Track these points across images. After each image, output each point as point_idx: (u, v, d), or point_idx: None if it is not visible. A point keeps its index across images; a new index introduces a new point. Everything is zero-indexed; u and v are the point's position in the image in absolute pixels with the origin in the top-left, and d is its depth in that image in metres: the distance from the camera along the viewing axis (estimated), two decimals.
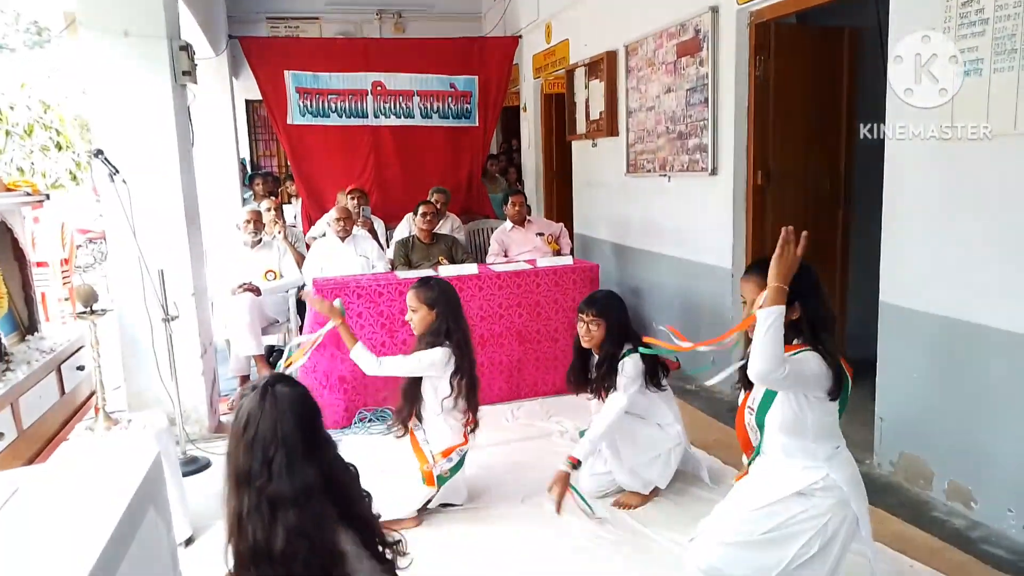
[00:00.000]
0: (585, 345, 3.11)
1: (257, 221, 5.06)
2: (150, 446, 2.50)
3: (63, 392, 3.59)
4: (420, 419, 3.08)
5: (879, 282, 3.33)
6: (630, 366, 3.00)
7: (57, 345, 3.67)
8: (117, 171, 3.50)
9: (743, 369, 2.24)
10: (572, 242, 6.08)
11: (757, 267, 2.18)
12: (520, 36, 7.78)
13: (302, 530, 1.53)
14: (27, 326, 3.79)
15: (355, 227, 5.34)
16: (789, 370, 1.93)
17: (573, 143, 6.93)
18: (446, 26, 8.35)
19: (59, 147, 12.40)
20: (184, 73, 3.90)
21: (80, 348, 3.83)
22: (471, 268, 4.63)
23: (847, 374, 2.06)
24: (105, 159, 3.50)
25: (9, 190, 3.92)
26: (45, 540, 1.54)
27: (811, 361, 2.00)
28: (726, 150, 4.45)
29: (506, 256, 5.46)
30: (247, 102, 9.11)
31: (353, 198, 5.91)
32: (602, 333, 3.05)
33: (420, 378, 3.04)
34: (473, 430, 3.13)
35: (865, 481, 2.20)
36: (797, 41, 4.35)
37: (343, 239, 5.11)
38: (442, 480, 3.00)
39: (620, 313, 3.11)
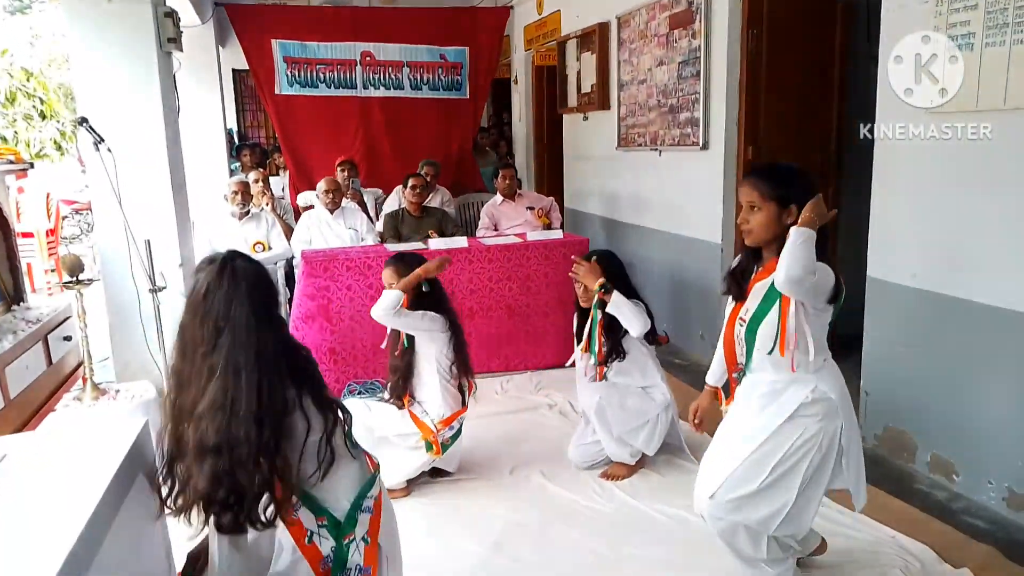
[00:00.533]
0: (584, 305, 3.13)
1: (245, 192, 5.02)
2: (138, 416, 2.50)
3: (50, 362, 3.57)
4: (413, 396, 3.09)
5: (866, 257, 3.34)
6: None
7: (44, 315, 3.64)
8: (102, 139, 3.46)
9: (733, 276, 2.23)
10: (562, 216, 6.07)
11: (757, 172, 2.16)
12: (511, 7, 7.68)
13: (220, 404, 1.55)
14: (13, 296, 3.76)
15: (344, 200, 5.31)
16: (817, 276, 1.94)
17: (564, 116, 6.88)
18: None
19: (43, 116, 12.23)
20: (169, 40, 3.84)
21: (67, 318, 3.80)
22: (461, 241, 4.61)
23: (841, 281, 2.06)
24: (90, 127, 3.45)
25: None
26: (33, 505, 1.54)
27: (825, 267, 2.00)
28: (717, 124, 4.43)
29: (496, 230, 5.44)
30: (234, 71, 8.96)
31: (343, 170, 5.86)
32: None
33: (412, 353, 3.04)
34: (471, 394, 3.16)
35: None
36: (790, 15, 4.32)
37: (332, 211, 5.07)
38: (445, 448, 3.03)
39: (618, 272, 3.12)
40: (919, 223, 3.10)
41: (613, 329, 3.06)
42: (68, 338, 3.78)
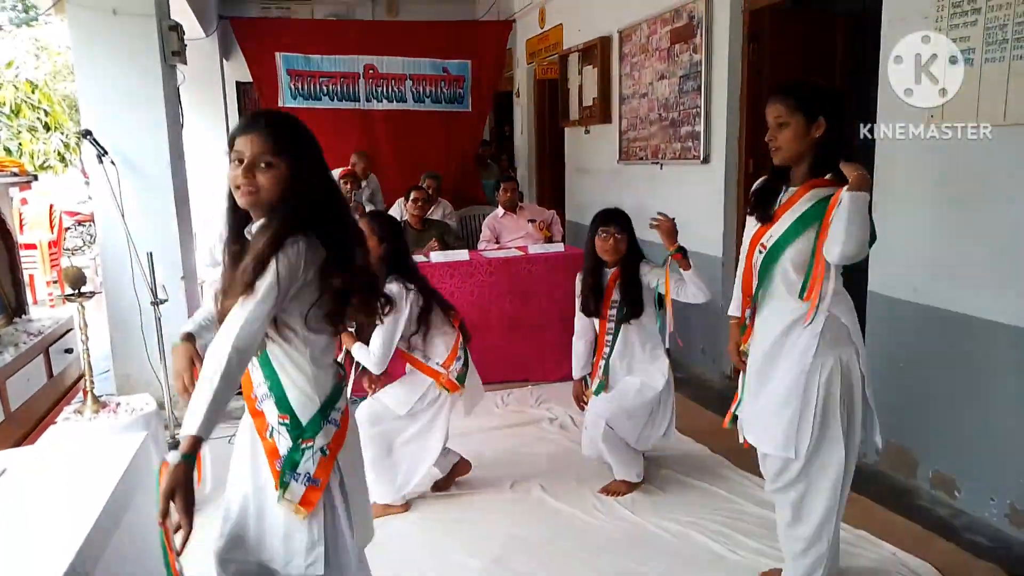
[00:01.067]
0: (609, 258, 3.10)
1: None
2: (138, 430, 2.50)
3: (51, 375, 3.57)
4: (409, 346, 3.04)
5: (867, 272, 3.34)
6: (648, 266, 3.11)
7: (45, 328, 3.64)
8: (106, 152, 3.48)
9: (757, 195, 2.19)
10: (563, 229, 6.08)
11: (782, 88, 2.10)
12: (514, 20, 7.73)
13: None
14: (14, 308, 3.76)
15: None
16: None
17: (566, 129, 6.91)
18: (439, 9, 8.27)
19: (47, 127, 12.28)
20: (174, 53, 3.86)
21: (68, 331, 3.80)
22: (462, 254, 4.62)
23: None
24: (93, 140, 3.48)
25: None
26: (33, 520, 1.54)
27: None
28: (718, 138, 4.44)
29: (497, 242, 5.45)
30: (238, 84, 9.01)
31: (346, 183, 5.89)
32: (626, 246, 3.09)
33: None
34: (462, 328, 3.13)
35: None
36: (790, 28, 4.34)
37: None
38: (462, 379, 3.03)
39: (632, 228, 3.16)
40: (920, 237, 3.10)
41: (633, 286, 3.07)
42: (69, 350, 3.78)
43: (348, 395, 1.84)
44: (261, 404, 1.68)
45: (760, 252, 2.14)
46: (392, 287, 2.90)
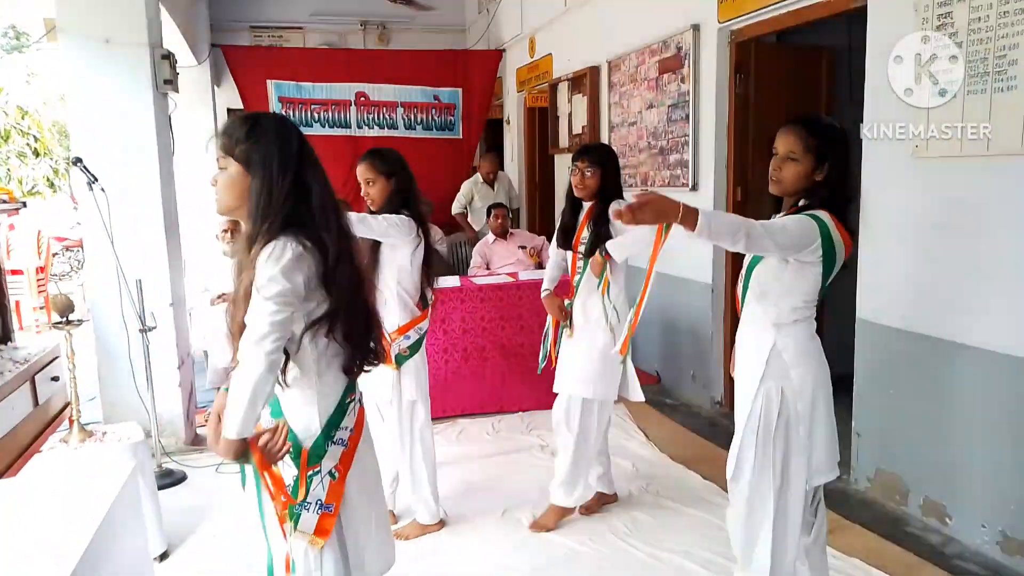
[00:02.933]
0: (578, 194, 3.02)
1: (235, 231, 5.02)
2: (125, 460, 2.47)
3: (37, 403, 3.52)
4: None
5: (856, 300, 3.37)
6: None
7: (31, 355, 3.60)
8: (96, 179, 3.47)
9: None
10: None
11: (805, 122, 2.07)
12: (504, 50, 7.82)
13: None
14: (1, 336, 3.73)
15: None
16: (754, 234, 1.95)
17: (556, 156, 6.96)
18: (430, 38, 8.37)
19: (36, 153, 12.27)
20: (166, 82, 3.88)
21: (55, 358, 3.76)
22: (453, 281, 4.62)
23: (843, 243, 1.99)
24: (84, 167, 3.47)
25: None
26: (17, 555, 1.51)
27: (789, 227, 1.96)
28: (706, 166, 4.49)
29: (488, 269, 5.47)
30: (229, 111, 9.06)
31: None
32: (596, 182, 2.97)
33: (379, 245, 2.93)
34: (429, 305, 3.04)
35: (842, 497, 2.22)
36: (776, 60, 4.41)
37: None
38: (401, 359, 2.89)
39: (615, 165, 3.05)
40: (907, 266, 3.13)
41: (602, 222, 2.96)
42: (56, 379, 3.74)
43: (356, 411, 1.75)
44: None
45: (741, 279, 2.20)
46: (401, 216, 2.81)
